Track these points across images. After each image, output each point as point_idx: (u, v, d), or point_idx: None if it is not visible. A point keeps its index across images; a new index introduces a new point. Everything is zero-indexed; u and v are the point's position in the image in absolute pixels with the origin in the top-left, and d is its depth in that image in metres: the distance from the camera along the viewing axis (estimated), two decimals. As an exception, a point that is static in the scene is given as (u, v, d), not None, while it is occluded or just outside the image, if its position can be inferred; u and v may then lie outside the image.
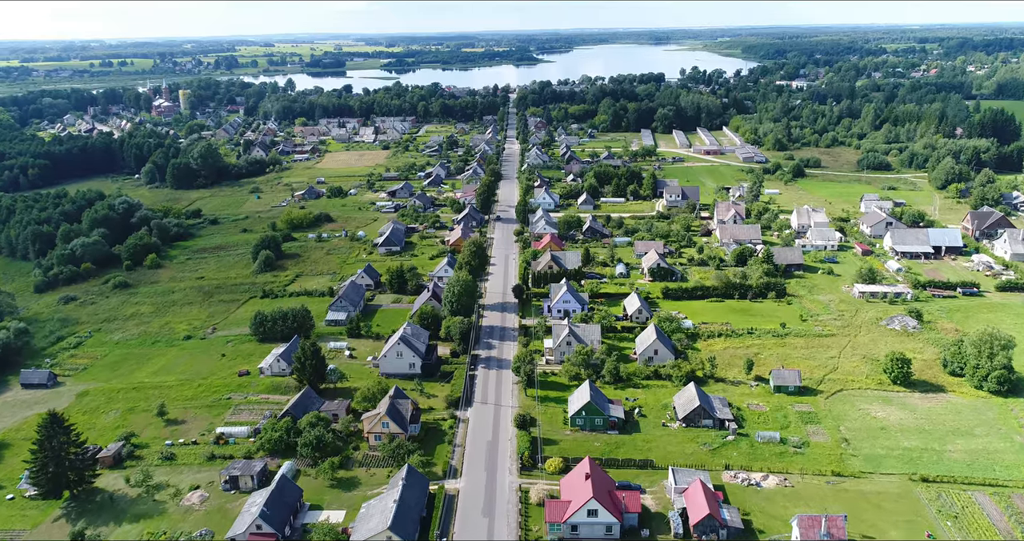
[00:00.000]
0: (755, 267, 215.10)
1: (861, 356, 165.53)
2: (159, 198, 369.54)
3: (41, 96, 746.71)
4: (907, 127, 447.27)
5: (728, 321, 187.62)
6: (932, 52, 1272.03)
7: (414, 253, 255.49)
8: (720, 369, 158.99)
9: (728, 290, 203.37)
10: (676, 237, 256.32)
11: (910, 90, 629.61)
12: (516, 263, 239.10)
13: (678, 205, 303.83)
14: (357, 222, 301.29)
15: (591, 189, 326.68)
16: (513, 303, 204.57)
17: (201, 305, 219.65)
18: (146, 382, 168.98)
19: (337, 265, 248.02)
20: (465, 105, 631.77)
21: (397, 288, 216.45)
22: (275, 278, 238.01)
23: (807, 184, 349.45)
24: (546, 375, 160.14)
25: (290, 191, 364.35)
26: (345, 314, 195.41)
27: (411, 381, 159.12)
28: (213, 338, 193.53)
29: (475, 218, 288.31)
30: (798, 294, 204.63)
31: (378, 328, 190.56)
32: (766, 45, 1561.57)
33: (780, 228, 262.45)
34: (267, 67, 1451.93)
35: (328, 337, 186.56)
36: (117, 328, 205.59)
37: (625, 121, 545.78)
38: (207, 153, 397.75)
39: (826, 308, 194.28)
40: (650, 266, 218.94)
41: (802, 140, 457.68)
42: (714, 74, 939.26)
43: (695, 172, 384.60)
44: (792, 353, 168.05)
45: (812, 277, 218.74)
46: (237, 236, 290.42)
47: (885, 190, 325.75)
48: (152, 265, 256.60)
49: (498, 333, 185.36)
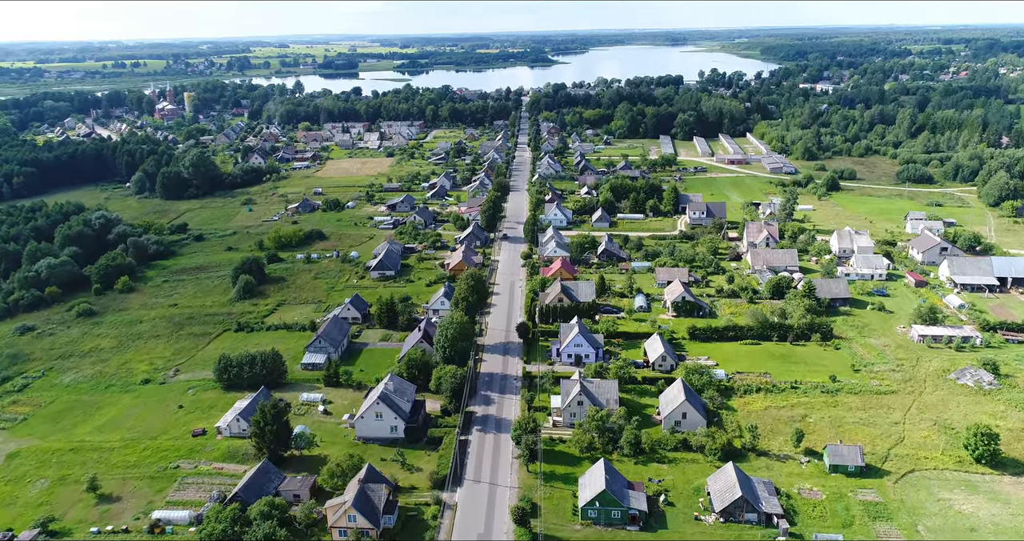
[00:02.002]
0: (795, 302, 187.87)
1: (931, 422, 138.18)
2: (147, 209, 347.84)
3: (43, 98, 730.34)
4: (947, 135, 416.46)
5: (767, 370, 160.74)
6: (959, 53, 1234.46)
7: (410, 278, 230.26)
8: (763, 438, 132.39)
9: (765, 331, 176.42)
10: (702, 262, 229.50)
11: (944, 94, 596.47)
12: (522, 292, 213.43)
13: (702, 223, 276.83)
14: (351, 240, 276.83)
15: (607, 204, 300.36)
16: (517, 343, 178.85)
17: (168, 339, 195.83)
18: (87, 441, 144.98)
19: (324, 292, 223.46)
20: (476, 109, 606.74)
21: (387, 322, 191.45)
22: (254, 307, 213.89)
23: (843, 199, 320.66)
24: (553, 442, 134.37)
25: (285, 203, 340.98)
26: (324, 356, 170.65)
27: (392, 448, 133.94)
28: (174, 383, 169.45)
29: (479, 237, 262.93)
30: (846, 336, 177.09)
31: (361, 374, 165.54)
32: (785, 46, 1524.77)
33: (819, 253, 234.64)
34: (279, 68, 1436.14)
35: (302, 385, 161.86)
36: (71, 367, 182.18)
37: (643, 127, 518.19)
38: (199, 161, 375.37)
39: (881, 355, 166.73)
40: (674, 299, 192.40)
41: (833, 148, 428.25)
42: (734, 76, 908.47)
43: (719, 184, 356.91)
44: (847, 416, 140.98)
45: (860, 314, 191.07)
46: (221, 255, 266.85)
47: (931, 206, 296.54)
48: (124, 289, 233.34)
49: (498, 383, 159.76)
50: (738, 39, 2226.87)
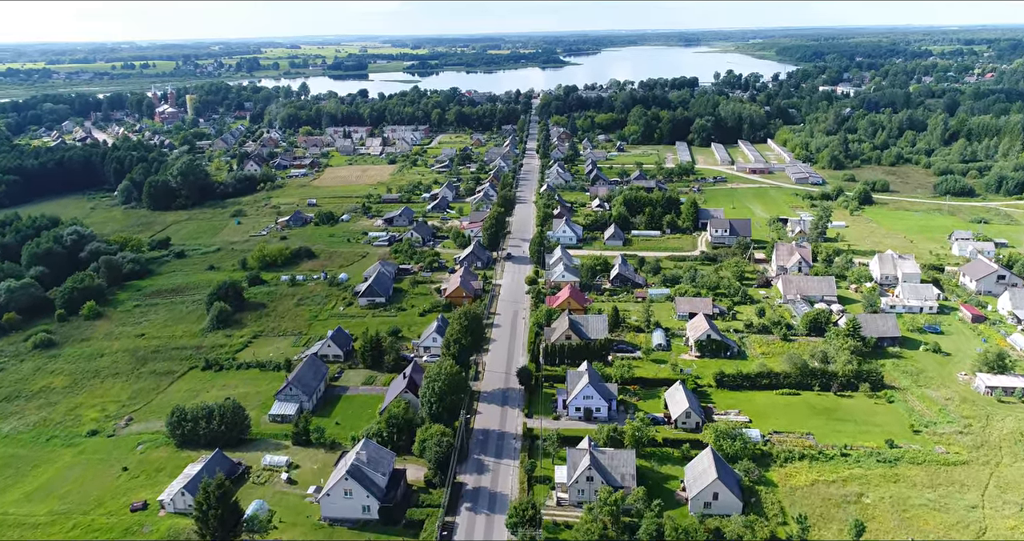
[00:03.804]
0: (837, 342, 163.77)
1: (1017, 507, 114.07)
2: (132, 221, 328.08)
3: (43, 101, 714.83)
4: (984, 142, 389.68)
5: (810, 430, 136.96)
6: (982, 55, 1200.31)
7: (401, 306, 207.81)
8: (813, 529, 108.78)
9: (804, 378, 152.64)
10: (727, 289, 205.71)
11: (974, 97, 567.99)
12: (526, 325, 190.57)
13: (725, 242, 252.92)
14: (342, 259, 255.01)
15: (620, 219, 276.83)
16: (518, 390, 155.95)
17: (128, 378, 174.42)
18: (10, 514, 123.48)
19: (306, 322, 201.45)
20: (483, 113, 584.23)
21: (371, 362, 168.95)
22: (227, 339, 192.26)
23: (877, 214, 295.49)
24: (557, 527, 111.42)
25: (276, 215, 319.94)
26: (296, 405, 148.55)
27: (363, 534, 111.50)
28: (124, 435, 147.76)
29: (480, 258, 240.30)
30: (899, 385, 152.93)
31: (337, 429, 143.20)
32: (801, 47, 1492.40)
33: (858, 280, 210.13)
34: (288, 69, 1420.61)
35: (268, 443, 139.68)
36: (15, 411, 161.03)
37: (658, 132, 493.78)
38: (188, 170, 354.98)
39: (943, 411, 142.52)
40: (698, 337, 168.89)
41: (861, 156, 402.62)
42: (750, 78, 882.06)
43: (741, 196, 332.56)
44: (911, 496, 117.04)
45: (912, 356, 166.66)
46: (201, 275, 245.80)
47: (977, 224, 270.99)
48: (90, 315, 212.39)
49: (494, 443, 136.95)
50: (752, 40, 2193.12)
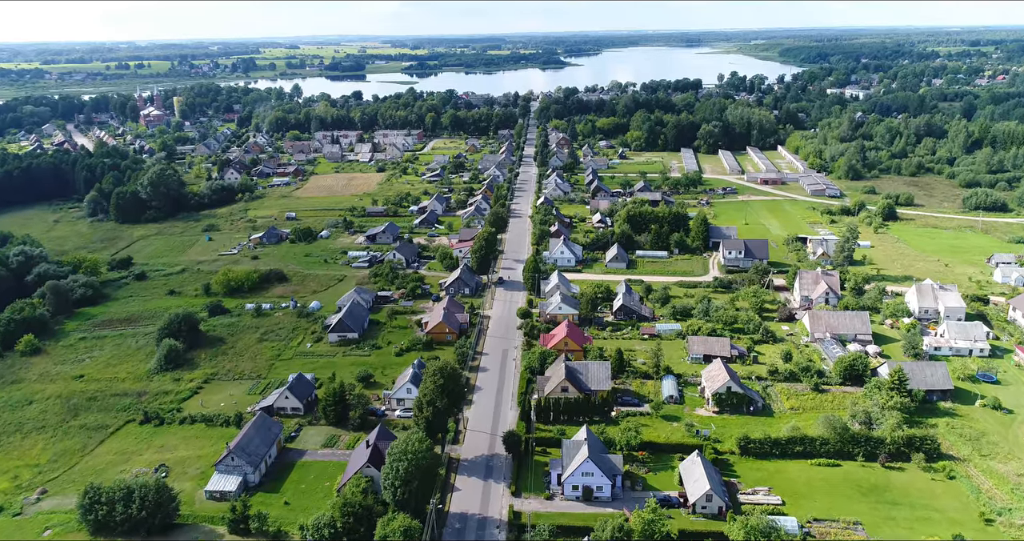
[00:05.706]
0: (880, 398, 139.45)
1: None
2: (97, 236, 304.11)
3: (24, 103, 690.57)
4: (1012, 151, 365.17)
5: (857, 517, 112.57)
6: (991, 56, 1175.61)
7: (377, 343, 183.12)
8: None
9: (845, 445, 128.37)
10: (745, 324, 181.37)
11: (992, 101, 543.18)
12: (516, 368, 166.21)
13: (740, 265, 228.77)
14: (316, 283, 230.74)
15: (623, 238, 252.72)
16: (504, 458, 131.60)
17: (55, 433, 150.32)
18: None
19: (267, 362, 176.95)
20: (479, 117, 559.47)
21: (334, 418, 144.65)
22: (176, 384, 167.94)
23: (903, 231, 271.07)
24: None
25: (250, 230, 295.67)
26: (239, 479, 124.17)
27: None
28: (32, 515, 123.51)
29: (468, 284, 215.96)
30: (959, 455, 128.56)
31: (284, 511, 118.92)
32: (805, 48, 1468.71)
33: (894, 314, 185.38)
34: (285, 70, 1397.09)
35: (199, 530, 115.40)
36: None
37: (662, 138, 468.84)
38: (159, 180, 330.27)
39: (1017, 492, 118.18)
40: (716, 390, 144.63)
41: (879, 165, 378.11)
42: (755, 80, 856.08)
43: (753, 209, 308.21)
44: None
45: (968, 413, 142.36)
46: (159, 301, 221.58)
47: (1017, 244, 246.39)
48: (27, 350, 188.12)
49: (473, 534, 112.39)
50: (754, 40, 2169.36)
